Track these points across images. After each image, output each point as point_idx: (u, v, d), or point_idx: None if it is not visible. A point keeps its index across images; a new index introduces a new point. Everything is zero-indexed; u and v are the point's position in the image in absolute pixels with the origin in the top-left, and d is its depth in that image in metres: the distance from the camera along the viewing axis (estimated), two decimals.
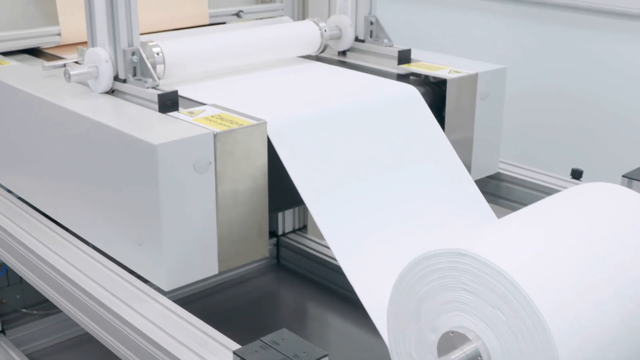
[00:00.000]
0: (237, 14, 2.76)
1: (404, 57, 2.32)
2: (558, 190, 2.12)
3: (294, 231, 3.25)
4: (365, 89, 2.12)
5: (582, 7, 3.01)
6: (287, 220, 3.23)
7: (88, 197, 1.88)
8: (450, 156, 2.05)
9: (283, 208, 2.50)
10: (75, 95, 1.94)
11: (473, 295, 1.28)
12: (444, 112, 2.16)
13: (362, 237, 1.79)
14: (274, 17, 2.84)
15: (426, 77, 2.22)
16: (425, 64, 2.29)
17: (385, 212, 1.86)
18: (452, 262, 1.30)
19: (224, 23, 2.74)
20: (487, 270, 1.25)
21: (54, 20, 2.44)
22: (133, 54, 1.88)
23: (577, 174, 2.35)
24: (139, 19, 1.89)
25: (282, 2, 2.90)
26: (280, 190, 1.80)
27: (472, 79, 2.20)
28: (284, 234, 3.23)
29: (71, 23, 2.41)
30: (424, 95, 2.11)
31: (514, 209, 2.20)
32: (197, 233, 1.68)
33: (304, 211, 3.22)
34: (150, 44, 1.98)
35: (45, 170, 2.05)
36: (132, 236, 1.73)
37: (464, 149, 2.22)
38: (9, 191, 2.28)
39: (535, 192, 2.30)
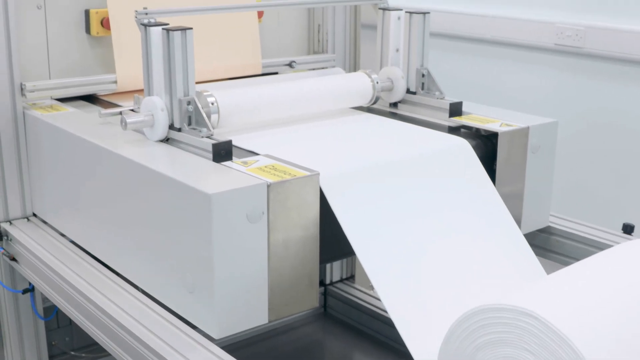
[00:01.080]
0: (290, 64, 2.80)
1: (455, 109, 2.32)
2: (609, 246, 2.11)
3: (341, 280, 3.25)
4: (416, 141, 2.13)
5: (635, 60, 3.00)
6: (334, 269, 3.23)
7: (140, 242, 1.91)
8: (500, 209, 2.05)
9: (334, 259, 2.51)
10: (131, 142, 1.98)
11: (534, 356, 1.27)
12: (495, 165, 2.16)
13: (413, 289, 1.79)
14: (326, 67, 2.88)
15: (477, 129, 2.22)
16: (477, 117, 2.30)
17: (436, 264, 1.86)
18: (516, 319, 1.29)
19: (276, 73, 2.78)
20: (552, 336, 1.24)
21: (111, 68, 2.49)
22: (188, 103, 1.92)
23: (628, 229, 2.33)
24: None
25: (334, 52, 2.93)
26: (331, 240, 1.81)
27: (524, 132, 2.20)
28: (331, 283, 3.23)
29: (127, 71, 2.46)
30: (475, 148, 2.11)
31: (564, 263, 2.19)
32: (249, 282, 1.69)
33: (352, 260, 3.22)
34: (205, 93, 2.02)
35: (99, 215, 2.08)
36: (184, 283, 1.74)
37: (515, 202, 2.21)
38: (62, 235, 2.31)
39: (585, 247, 2.28)
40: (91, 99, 2.51)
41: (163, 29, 1.92)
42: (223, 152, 1.83)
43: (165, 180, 1.74)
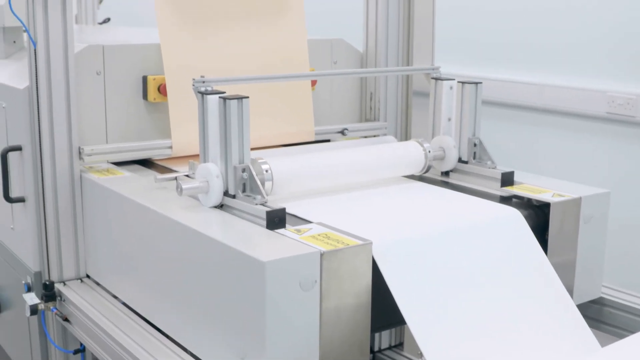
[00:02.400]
0: (342, 132, 2.83)
1: (507, 179, 2.33)
2: None
3: (390, 348, 3.23)
4: (468, 211, 2.13)
5: None
6: (383, 336, 3.22)
7: (192, 307, 1.92)
8: (553, 279, 2.04)
9: (384, 327, 2.50)
10: (185, 208, 2.01)
11: None
12: (547, 235, 2.16)
13: (463, 359, 1.78)
14: (378, 135, 2.90)
15: (529, 200, 2.22)
16: (528, 187, 2.29)
17: (487, 334, 1.85)
18: None
19: (328, 140, 2.81)
20: None
21: (166, 134, 2.54)
22: (243, 170, 1.95)
23: None
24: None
25: (385, 120, 2.95)
26: (383, 308, 1.81)
27: (576, 202, 2.20)
28: (380, 350, 3.21)
29: (183, 137, 2.50)
30: (527, 218, 2.11)
31: (618, 336, 2.17)
32: (300, 349, 1.70)
33: (401, 327, 3.20)
34: (259, 161, 2.04)
35: (151, 278, 2.11)
36: (235, 349, 1.75)
37: (567, 272, 2.19)
38: (115, 296, 2.33)
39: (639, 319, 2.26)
40: (146, 163, 2.56)
41: (220, 97, 1.96)
42: (277, 219, 1.85)
43: (219, 247, 1.76)
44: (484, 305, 1.90)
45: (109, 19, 5.02)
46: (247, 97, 1.94)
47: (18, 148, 2.44)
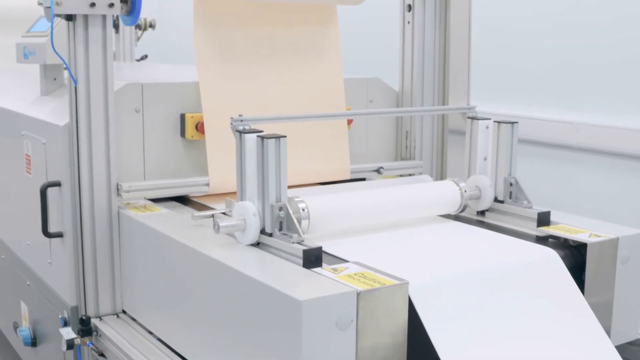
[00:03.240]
0: (378, 170, 2.83)
1: (544, 219, 2.32)
2: None
3: None
4: (504, 250, 2.13)
5: None
6: None
7: (227, 344, 1.93)
8: (590, 320, 2.02)
9: None
10: (222, 245, 2.02)
11: None
12: (584, 275, 2.14)
13: None
14: (413, 174, 2.90)
15: (566, 240, 2.21)
16: (565, 227, 2.29)
17: None
18: None
19: (364, 179, 2.82)
20: None
21: (203, 171, 2.56)
22: (280, 209, 1.96)
23: None
24: None
25: (421, 159, 2.96)
26: (418, 348, 1.80)
27: (613, 243, 2.18)
28: None
29: (219, 174, 2.52)
30: (564, 258, 2.10)
31: None
32: None
33: None
34: (296, 199, 2.06)
35: (187, 315, 2.11)
36: None
37: (604, 313, 2.18)
38: (150, 332, 2.34)
39: None
40: (183, 200, 2.58)
41: (258, 136, 1.97)
42: (313, 258, 1.85)
43: (256, 285, 1.77)
44: (521, 346, 1.89)
45: (146, 56, 5.08)
46: (285, 137, 1.96)
47: (57, 184, 2.48)
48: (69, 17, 2.33)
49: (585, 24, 3.41)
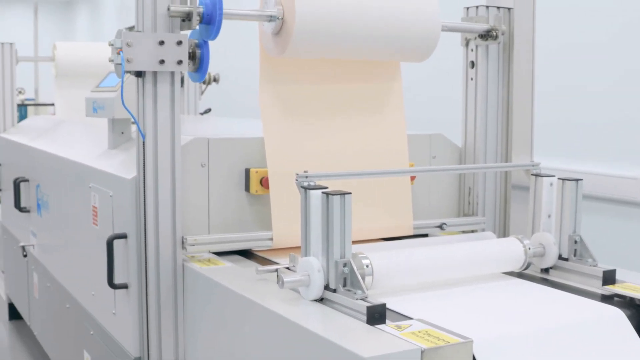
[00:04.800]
0: (440, 226, 2.83)
1: (609, 277, 2.29)
2: None
3: None
4: (569, 309, 2.11)
5: None
6: None
7: None
8: None
9: None
10: (286, 301, 2.03)
11: None
12: None
13: None
14: (476, 230, 2.89)
15: (632, 299, 2.18)
16: (631, 285, 2.26)
17: None
18: None
19: (426, 235, 2.82)
20: None
21: (267, 225, 2.58)
22: (344, 265, 1.97)
23: None
24: None
25: (484, 215, 2.95)
26: None
27: None
28: None
29: (283, 229, 2.54)
30: (630, 317, 2.07)
31: None
32: None
33: None
34: (360, 255, 2.06)
35: None
36: None
37: None
38: None
39: None
40: (246, 253, 2.60)
41: (323, 192, 1.99)
42: (377, 315, 1.86)
43: (320, 341, 1.77)
44: None
45: (209, 110, 5.17)
46: (350, 193, 1.97)
47: (123, 236, 2.52)
48: (139, 74, 2.39)
49: None
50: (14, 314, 5.06)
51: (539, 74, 3.00)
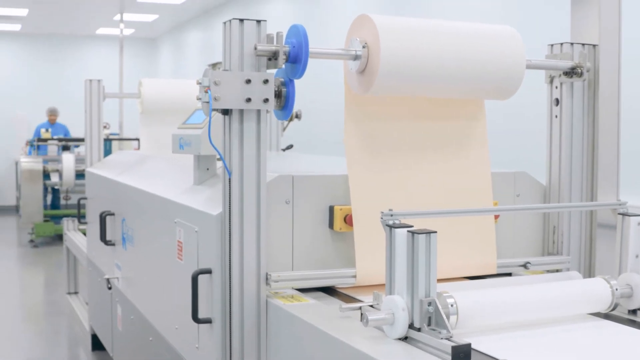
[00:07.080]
0: (524, 265, 2.80)
1: None
2: None
3: None
4: None
5: None
6: None
7: None
8: None
9: None
10: (370, 339, 2.03)
11: None
12: None
13: None
14: (560, 269, 2.85)
15: None
16: None
17: None
18: None
19: (510, 274, 2.79)
20: None
21: (350, 262, 2.59)
22: (429, 304, 1.96)
23: None
24: None
25: (569, 254, 2.91)
26: None
27: None
28: None
29: (367, 267, 2.54)
30: None
31: None
32: None
33: None
34: (444, 294, 2.06)
35: None
36: None
37: None
38: None
39: None
40: (329, 290, 2.60)
41: (408, 231, 1.99)
42: (462, 354, 1.85)
43: None
44: None
45: (291, 146, 5.21)
46: (435, 232, 1.97)
47: (208, 271, 2.55)
48: (225, 112, 2.43)
49: None
50: (97, 344, 5.15)
51: (624, 109, 2.96)
